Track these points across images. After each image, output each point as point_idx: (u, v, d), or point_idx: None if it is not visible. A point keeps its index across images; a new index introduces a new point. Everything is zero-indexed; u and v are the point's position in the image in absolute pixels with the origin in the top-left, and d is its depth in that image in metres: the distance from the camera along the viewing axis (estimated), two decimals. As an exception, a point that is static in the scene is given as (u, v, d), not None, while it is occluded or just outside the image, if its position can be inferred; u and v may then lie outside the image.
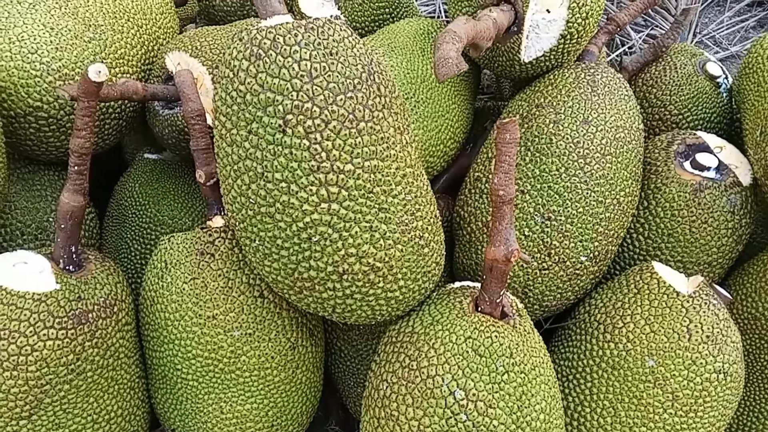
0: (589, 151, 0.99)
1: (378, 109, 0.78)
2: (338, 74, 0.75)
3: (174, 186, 1.20)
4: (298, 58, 0.74)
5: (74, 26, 1.03)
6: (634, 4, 1.20)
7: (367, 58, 0.80)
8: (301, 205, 0.76)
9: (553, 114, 1.01)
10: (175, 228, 1.16)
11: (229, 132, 0.78)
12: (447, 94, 1.11)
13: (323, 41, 0.76)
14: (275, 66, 0.74)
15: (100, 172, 1.26)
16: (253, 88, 0.75)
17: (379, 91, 0.79)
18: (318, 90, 0.74)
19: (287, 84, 0.74)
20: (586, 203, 0.98)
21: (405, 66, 1.07)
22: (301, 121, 0.74)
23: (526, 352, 0.83)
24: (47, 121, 1.02)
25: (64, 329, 0.85)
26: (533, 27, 1.02)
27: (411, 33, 1.16)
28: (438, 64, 0.68)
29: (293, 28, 0.75)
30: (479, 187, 1.05)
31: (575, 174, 0.98)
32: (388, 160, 0.79)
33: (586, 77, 1.04)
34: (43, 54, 0.99)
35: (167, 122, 1.10)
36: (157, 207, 1.17)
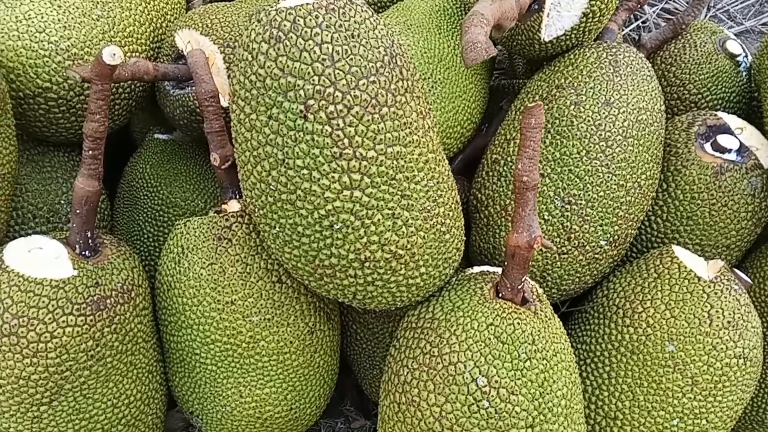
0: (611, 134, 0.97)
1: (401, 93, 0.76)
2: (360, 57, 0.73)
3: (185, 167, 1.18)
4: (320, 41, 0.72)
5: (82, 3, 1.00)
6: (655, -21, 1.17)
7: (389, 39, 0.77)
8: (322, 193, 0.75)
9: (574, 95, 0.99)
10: (187, 210, 1.15)
11: (248, 117, 0.76)
12: (464, 73, 1.09)
13: (344, 23, 0.74)
14: (296, 49, 0.72)
15: (108, 151, 1.25)
16: (273, 72, 0.73)
17: (402, 75, 0.77)
18: (340, 74, 0.72)
19: (308, 68, 0.72)
20: (607, 187, 0.97)
21: (422, 45, 1.05)
22: (323, 106, 0.72)
23: (547, 339, 0.83)
24: (57, 103, 0.99)
25: (83, 316, 0.84)
26: (554, 5, 1.00)
27: (427, 10, 1.13)
28: (466, 48, 0.65)
29: (314, 9, 0.73)
30: (497, 169, 1.04)
31: (596, 157, 0.96)
32: (411, 145, 0.77)
33: (607, 57, 1.01)
34: (51, 33, 0.96)
35: (178, 102, 1.08)
36: (169, 189, 1.16)
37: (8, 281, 0.82)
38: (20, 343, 0.81)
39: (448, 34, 1.11)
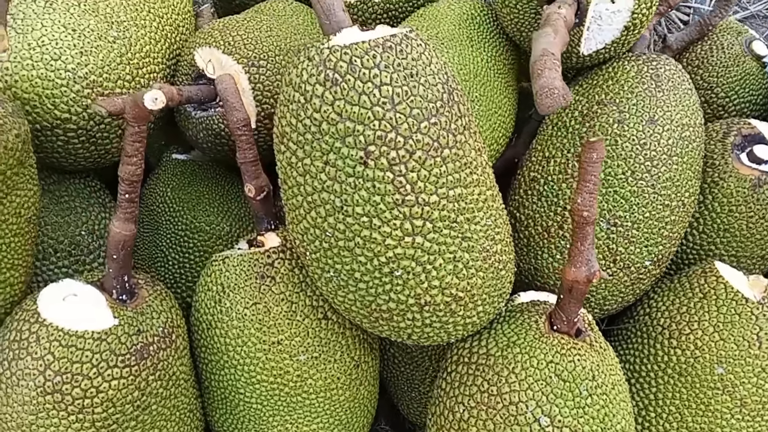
0: (656, 153, 0.95)
1: (460, 131, 0.73)
2: (421, 98, 0.70)
3: (208, 189, 1.14)
4: (379, 83, 0.68)
5: (97, 25, 0.94)
6: (687, -18, 1.14)
7: (445, 74, 0.74)
8: (383, 240, 0.72)
9: (617, 112, 0.97)
10: (213, 235, 1.11)
11: (301, 161, 0.72)
12: (499, 87, 1.05)
13: (402, 61, 0.70)
14: (354, 92, 0.68)
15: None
16: (330, 116, 0.69)
17: (460, 111, 0.74)
18: (401, 118, 0.69)
19: (368, 112, 0.68)
20: (652, 207, 0.95)
21: (457, 61, 1.01)
22: (384, 152, 0.69)
23: (606, 372, 0.82)
24: (76, 133, 0.94)
25: (127, 367, 0.81)
26: (595, 18, 0.96)
27: (455, 19, 1.08)
28: (541, 94, 0.62)
29: (370, 48, 0.69)
30: (536, 188, 1.01)
31: (642, 177, 0.94)
32: (471, 185, 0.74)
33: (649, 71, 0.99)
34: (67, 60, 0.90)
35: (202, 125, 1.03)
36: (193, 213, 1.11)
37: (48, 336, 0.78)
38: (65, 400, 0.77)
39: (480, 45, 1.07)
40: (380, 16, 1.19)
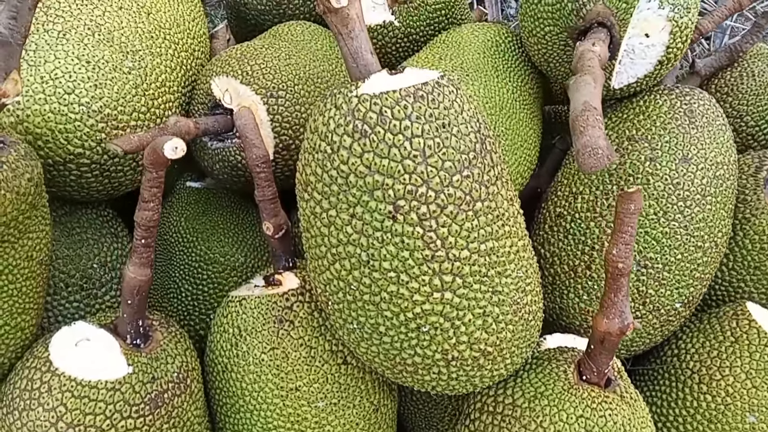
0: (690, 193, 0.91)
1: (492, 182, 0.70)
2: (453, 150, 0.66)
3: (222, 219, 1.11)
4: (410, 135, 0.65)
5: (111, 56, 0.91)
6: (718, 10, 1.10)
7: (477, 122, 0.70)
8: (411, 296, 0.69)
9: (649, 150, 0.93)
10: (227, 266, 1.08)
11: (326, 212, 0.69)
12: (524, 119, 1.02)
13: (434, 111, 0.66)
14: (384, 145, 0.65)
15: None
16: (358, 169, 0.66)
17: (492, 161, 0.71)
18: (433, 171, 0.65)
19: (398, 165, 0.65)
20: (684, 249, 0.92)
21: (482, 94, 0.97)
22: (414, 207, 0.65)
23: (637, 427, 0.79)
24: (90, 167, 0.91)
25: (141, 417, 0.78)
26: (628, 52, 0.93)
27: (480, 47, 1.05)
28: (584, 153, 0.59)
29: (401, 98, 0.65)
30: (563, 225, 0.98)
31: (674, 218, 0.91)
32: (503, 238, 0.71)
33: (682, 106, 0.95)
34: (81, 94, 0.87)
35: (218, 157, 1.00)
36: (207, 244, 1.08)
37: (60, 387, 0.75)
38: (78, 452, 0.75)
39: (506, 75, 1.03)
40: (401, 41, 1.16)
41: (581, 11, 0.90)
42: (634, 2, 0.88)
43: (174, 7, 1.07)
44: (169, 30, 1.02)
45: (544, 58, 1.00)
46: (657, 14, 0.89)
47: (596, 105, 0.63)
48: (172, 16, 1.05)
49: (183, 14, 1.08)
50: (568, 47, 0.95)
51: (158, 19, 1.01)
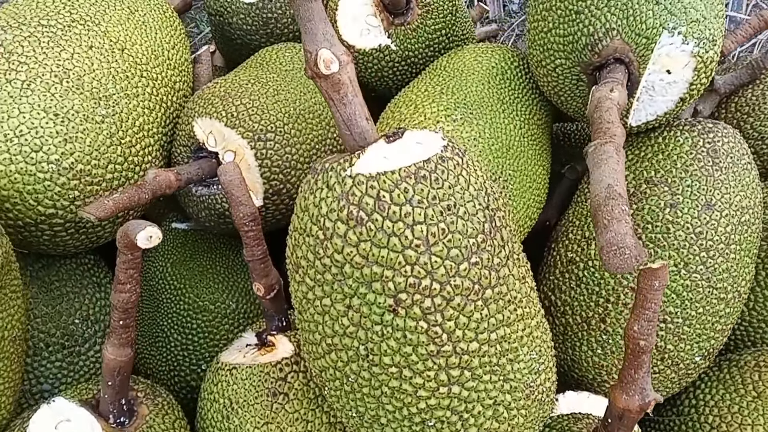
0: (713, 243, 0.85)
1: (503, 264, 0.63)
2: (459, 235, 0.59)
3: (211, 262, 1.04)
4: (411, 222, 0.58)
5: (82, 104, 0.83)
6: (742, 29, 1.01)
7: (485, 196, 0.63)
8: (415, 391, 0.63)
9: (669, 195, 0.86)
10: (218, 314, 1.02)
11: (319, 300, 0.63)
12: (533, 157, 0.95)
13: (438, 192, 0.59)
14: (383, 234, 0.58)
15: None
16: (354, 260, 0.59)
17: (503, 240, 0.64)
18: (437, 261, 0.59)
19: (399, 256, 0.58)
20: (706, 302, 0.85)
21: (488, 134, 0.89)
22: (417, 301, 0.59)
23: (658, 506, 0.74)
24: (64, 227, 0.84)
25: (127, 507, 0.73)
26: (647, 89, 0.85)
27: (484, 75, 0.96)
28: (609, 253, 0.52)
29: (401, 180, 0.58)
30: (575, 272, 0.92)
31: (696, 270, 0.84)
32: (515, 322, 0.65)
33: (705, 145, 0.87)
34: (49, 150, 0.79)
35: (204, 204, 0.93)
36: (196, 291, 1.02)
37: (38, 480, 0.70)
38: None
39: (513, 107, 0.95)
40: (398, 65, 1.07)
41: (596, 47, 0.82)
42: (655, 37, 0.80)
43: (151, 36, 0.98)
44: (146, 65, 0.94)
45: (554, 91, 0.92)
46: (680, 50, 0.81)
47: (621, 190, 0.55)
48: (149, 48, 0.96)
49: (161, 43, 1.00)
50: (581, 82, 0.88)
51: (134, 54, 0.93)
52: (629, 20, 0.80)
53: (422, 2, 1.05)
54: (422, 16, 1.05)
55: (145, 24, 0.99)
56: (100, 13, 0.93)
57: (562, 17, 0.86)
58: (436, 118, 0.88)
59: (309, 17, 0.60)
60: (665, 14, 0.80)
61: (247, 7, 1.12)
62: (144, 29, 0.98)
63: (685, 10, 0.80)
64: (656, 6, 0.80)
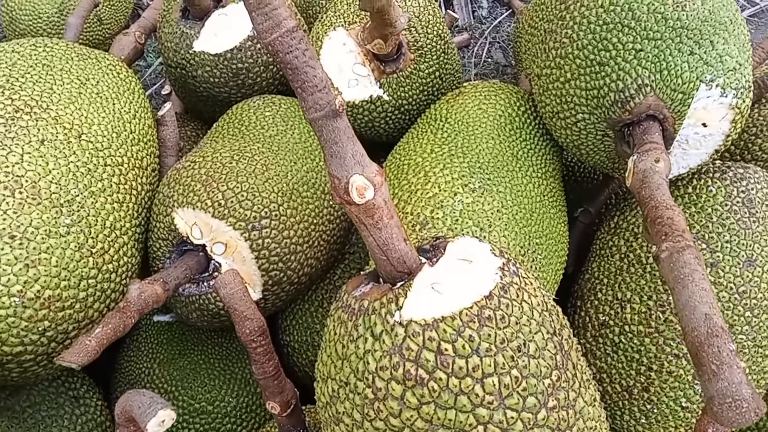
0: (757, 301, 0.79)
1: (576, 393, 0.55)
2: (534, 379, 0.51)
3: (203, 356, 0.93)
4: (480, 376, 0.49)
5: (41, 217, 0.70)
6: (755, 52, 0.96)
7: (549, 316, 0.55)
8: None
9: (708, 253, 0.80)
10: (218, 414, 0.91)
11: (371, 462, 0.53)
12: (555, 214, 0.87)
13: (506, 332, 0.50)
14: (449, 393, 0.49)
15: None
16: (415, 424, 0.50)
17: (574, 367, 0.56)
18: (513, 416, 0.50)
19: (469, 416, 0.49)
20: (753, 362, 0.80)
21: (510, 201, 0.81)
22: (494, 462, 0.50)
23: None
24: (35, 360, 0.71)
25: None
26: (680, 142, 0.78)
27: (493, 127, 0.87)
28: (723, 405, 0.44)
29: (464, 326, 0.49)
30: (610, 337, 0.85)
31: (742, 332, 0.79)
32: (591, 453, 0.57)
33: (739, 195, 0.82)
34: (9, 282, 0.66)
35: (194, 305, 0.81)
36: (190, 392, 0.90)
37: None
38: None
39: (528, 163, 0.87)
40: (391, 114, 0.97)
41: (628, 104, 0.74)
42: (692, 92, 0.72)
43: (109, 110, 0.84)
44: (108, 149, 0.81)
45: (574, 144, 0.84)
46: (719, 103, 0.73)
47: (721, 321, 0.48)
48: (109, 126, 0.83)
49: (121, 115, 0.86)
50: (607, 138, 0.80)
51: (93, 139, 0.79)
52: (663, 74, 0.72)
53: (414, 46, 0.94)
54: (415, 61, 0.94)
55: (100, 95, 0.85)
56: (47, 93, 0.79)
57: (583, 68, 0.77)
58: (452, 188, 0.79)
59: (335, 139, 0.49)
60: (701, 66, 0.72)
61: (214, 58, 0.98)
62: (100, 103, 0.84)
63: (721, 59, 0.73)
64: (691, 57, 0.72)
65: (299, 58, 0.46)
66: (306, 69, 0.46)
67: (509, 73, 1.60)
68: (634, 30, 0.73)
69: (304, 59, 0.46)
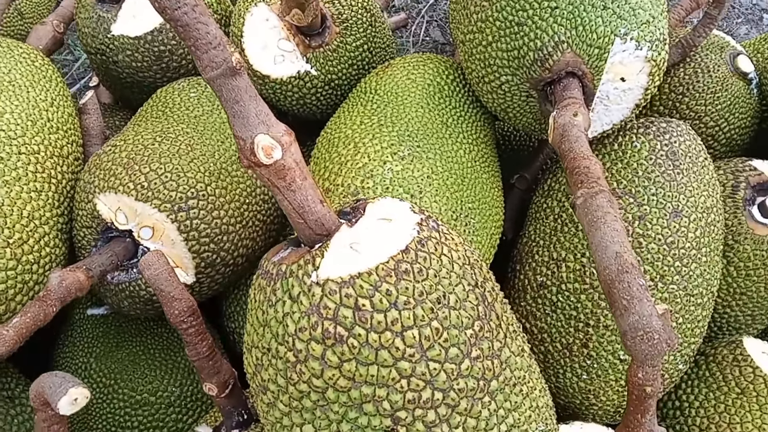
0: (685, 250, 0.81)
1: (501, 343, 0.55)
2: (456, 330, 0.51)
3: (142, 347, 0.90)
4: (400, 329, 0.49)
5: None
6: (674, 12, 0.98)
7: (470, 269, 0.55)
8: None
9: (635, 206, 0.81)
10: (161, 405, 0.89)
11: (298, 427, 0.53)
12: (487, 180, 0.87)
13: (424, 284, 0.50)
14: (368, 349, 0.48)
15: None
16: (338, 383, 0.49)
17: (497, 317, 0.56)
18: (436, 367, 0.50)
19: (391, 371, 0.49)
20: (685, 311, 0.82)
21: (441, 167, 0.80)
22: (419, 416, 0.50)
23: None
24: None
25: None
26: (601, 99, 0.79)
27: (422, 96, 0.87)
28: (636, 339, 0.45)
29: (381, 281, 0.49)
30: (548, 297, 0.86)
31: (673, 281, 0.81)
32: (522, 403, 0.58)
33: (662, 149, 0.83)
34: None
35: (124, 293, 0.79)
36: (131, 384, 0.88)
37: None
38: None
39: (458, 129, 0.87)
40: (321, 90, 0.96)
41: (547, 62, 0.74)
42: (607, 46, 0.73)
43: (23, 98, 0.81)
44: (22, 137, 0.78)
45: (500, 107, 0.85)
46: (634, 56, 0.75)
47: (632, 258, 0.49)
48: (23, 114, 0.80)
49: (36, 103, 0.83)
50: (531, 98, 0.80)
51: (5, 127, 0.76)
52: (578, 30, 0.73)
53: (339, 18, 0.93)
54: (341, 34, 0.94)
55: (12, 84, 0.82)
56: (-49, 81, 0.75)
57: (502, 29, 0.78)
58: (381, 157, 0.78)
59: (235, 98, 0.48)
60: (615, 20, 0.73)
61: (134, 41, 0.95)
62: (12, 91, 0.81)
63: (634, 12, 0.74)
64: (604, 12, 0.73)
65: (189, 14, 0.44)
66: (197, 26, 0.45)
67: (448, 51, 1.61)
68: (549, -12, 0.74)
69: (194, 15, 0.45)
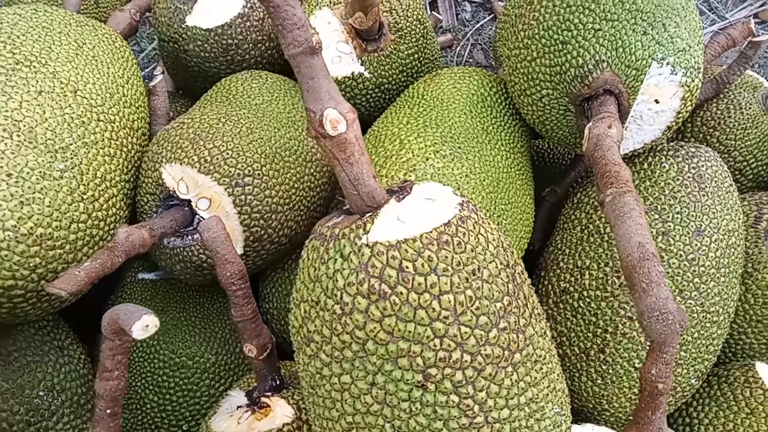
0: (705, 268, 0.85)
1: (527, 322, 0.60)
2: (487, 301, 0.56)
3: (185, 314, 0.97)
4: (438, 292, 0.54)
5: (36, 159, 0.74)
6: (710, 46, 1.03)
7: (504, 253, 0.60)
8: (445, 465, 0.59)
9: (660, 222, 0.86)
10: (197, 369, 0.95)
11: (337, 377, 0.58)
12: (521, 186, 0.93)
13: (462, 257, 0.56)
14: (408, 307, 0.54)
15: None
16: (378, 336, 0.54)
17: (525, 297, 0.61)
18: (467, 332, 0.55)
19: (426, 330, 0.54)
20: (701, 327, 0.86)
21: (479, 168, 0.86)
22: (448, 375, 0.55)
23: None
24: (25, 297, 0.75)
25: None
26: (635, 118, 0.84)
27: (465, 103, 0.94)
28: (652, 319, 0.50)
29: (423, 248, 0.54)
30: (570, 302, 0.91)
31: (691, 297, 0.85)
32: (541, 381, 0.62)
33: (690, 171, 0.88)
34: (4, 216, 0.70)
35: (178, 257, 0.86)
36: (171, 347, 0.94)
37: None
38: None
39: (497, 137, 0.93)
40: (371, 92, 1.03)
41: (587, 79, 0.80)
42: (645, 68, 0.79)
43: (103, 72, 0.89)
44: (101, 106, 0.86)
45: (539, 120, 0.91)
46: (669, 80, 0.80)
47: (652, 248, 0.54)
48: (103, 86, 0.88)
49: (115, 79, 0.91)
50: (569, 112, 0.86)
51: (88, 95, 0.84)
52: (618, 52, 0.79)
53: (395, 27, 1.00)
54: (395, 42, 1.01)
55: (95, 59, 0.90)
56: (45, 51, 0.84)
57: (547, 46, 0.84)
58: (424, 154, 0.85)
59: (311, 74, 0.54)
60: (653, 45, 0.79)
61: (205, 33, 1.04)
62: (95, 65, 0.89)
63: (672, 40, 0.80)
64: (644, 37, 0.79)
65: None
66: (286, 8, 0.52)
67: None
68: (594, 12, 0.80)
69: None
